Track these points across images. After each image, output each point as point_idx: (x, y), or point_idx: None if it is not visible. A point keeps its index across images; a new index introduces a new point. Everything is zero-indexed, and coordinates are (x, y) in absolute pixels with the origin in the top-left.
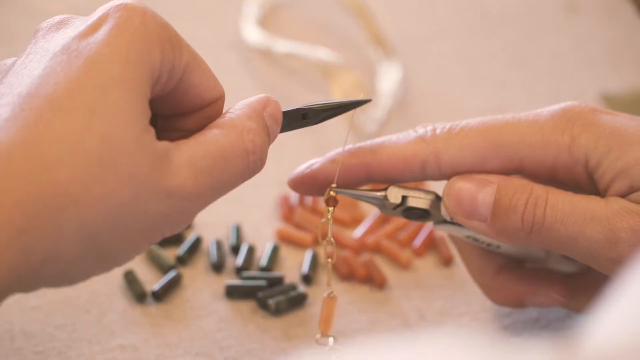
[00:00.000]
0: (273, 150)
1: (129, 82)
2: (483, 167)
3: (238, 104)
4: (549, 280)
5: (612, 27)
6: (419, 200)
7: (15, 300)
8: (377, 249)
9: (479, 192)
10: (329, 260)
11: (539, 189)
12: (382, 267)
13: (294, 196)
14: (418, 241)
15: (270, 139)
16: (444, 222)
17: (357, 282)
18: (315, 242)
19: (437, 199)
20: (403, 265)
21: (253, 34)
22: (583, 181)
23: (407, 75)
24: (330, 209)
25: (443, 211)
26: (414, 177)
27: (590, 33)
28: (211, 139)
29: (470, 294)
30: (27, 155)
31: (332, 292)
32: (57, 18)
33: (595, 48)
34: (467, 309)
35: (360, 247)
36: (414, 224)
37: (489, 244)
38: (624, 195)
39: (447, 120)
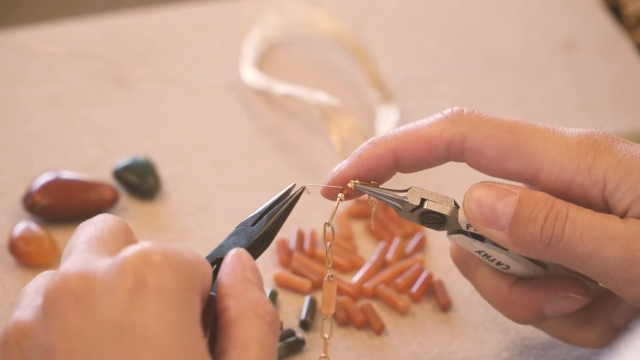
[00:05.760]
0: (272, 194)
1: (193, 346)
2: (502, 163)
3: (221, 280)
4: (566, 282)
5: (610, 66)
6: (437, 205)
7: None
8: (375, 295)
9: (500, 201)
10: (328, 243)
11: (560, 204)
12: (380, 313)
13: (291, 242)
14: (416, 287)
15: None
16: (458, 232)
17: (354, 328)
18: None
19: (456, 206)
20: (401, 311)
21: (252, 75)
22: (597, 204)
23: (406, 116)
24: (340, 195)
25: (460, 218)
26: (438, 159)
27: (589, 72)
28: (246, 340)
29: (468, 340)
30: None
31: (331, 275)
32: (73, 284)
33: (594, 88)
34: (464, 355)
35: (358, 293)
36: (412, 270)
37: (498, 263)
38: None
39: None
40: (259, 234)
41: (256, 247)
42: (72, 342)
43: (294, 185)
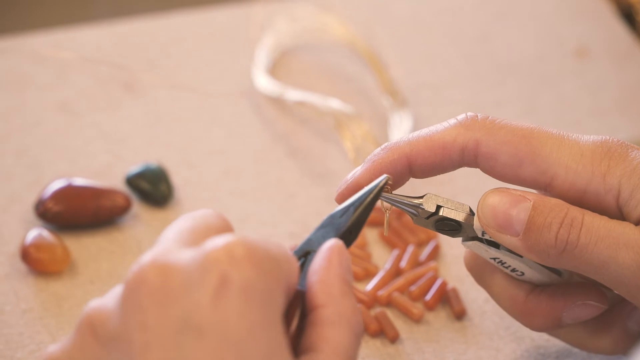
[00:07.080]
0: (284, 201)
1: (275, 346)
2: (516, 169)
3: (318, 273)
4: (584, 289)
5: (622, 73)
6: (452, 212)
7: None
8: (389, 303)
9: (514, 207)
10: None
11: (575, 211)
12: (394, 321)
13: None
14: (430, 295)
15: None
16: (474, 238)
17: (368, 336)
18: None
19: (471, 213)
20: (415, 319)
21: (265, 82)
22: (611, 211)
23: (418, 122)
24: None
25: (475, 225)
26: (452, 164)
27: (601, 80)
28: (337, 347)
29: (482, 348)
30: None
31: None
32: (151, 276)
33: (605, 95)
34: None
35: (372, 300)
36: (426, 278)
37: (513, 269)
38: None
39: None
40: (347, 225)
41: (345, 239)
42: (150, 335)
43: (385, 177)
